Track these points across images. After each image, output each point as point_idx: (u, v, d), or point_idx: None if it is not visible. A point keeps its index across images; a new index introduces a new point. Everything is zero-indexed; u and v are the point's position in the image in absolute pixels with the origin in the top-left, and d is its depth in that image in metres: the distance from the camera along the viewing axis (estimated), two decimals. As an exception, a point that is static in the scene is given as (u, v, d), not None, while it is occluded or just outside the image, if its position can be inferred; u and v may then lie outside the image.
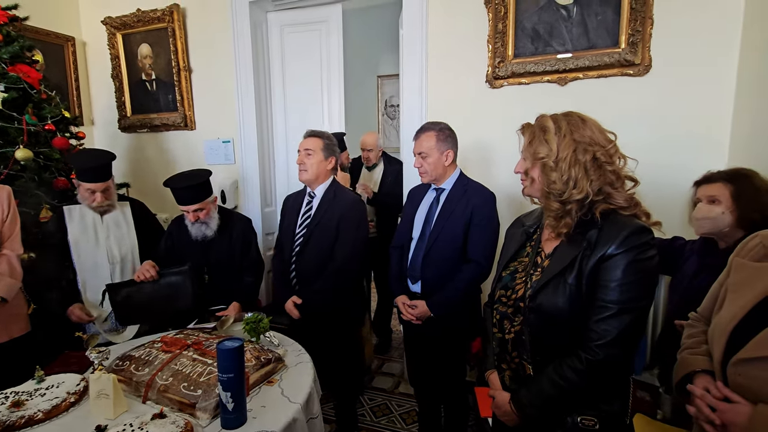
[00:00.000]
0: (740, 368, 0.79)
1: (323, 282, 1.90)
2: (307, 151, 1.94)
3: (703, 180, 1.45)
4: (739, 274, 0.89)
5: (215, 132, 3.04)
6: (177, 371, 1.29)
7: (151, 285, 1.92)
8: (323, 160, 1.96)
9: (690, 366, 0.91)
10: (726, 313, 0.86)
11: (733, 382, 0.81)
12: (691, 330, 1.02)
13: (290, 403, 1.26)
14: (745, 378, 0.78)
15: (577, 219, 1.03)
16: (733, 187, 1.35)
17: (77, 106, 3.26)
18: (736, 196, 1.33)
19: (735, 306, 0.85)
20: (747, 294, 0.84)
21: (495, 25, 2.23)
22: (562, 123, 1.04)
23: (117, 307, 1.88)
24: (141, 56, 3.12)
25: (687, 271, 1.51)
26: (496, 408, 1.15)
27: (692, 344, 0.97)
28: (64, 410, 1.22)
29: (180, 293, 1.94)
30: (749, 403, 0.77)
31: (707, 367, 0.88)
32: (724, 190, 1.37)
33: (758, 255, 0.88)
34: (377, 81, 4.85)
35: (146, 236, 2.18)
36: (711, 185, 1.41)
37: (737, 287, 0.87)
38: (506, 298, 1.14)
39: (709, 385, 0.85)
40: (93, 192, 1.99)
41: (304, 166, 1.95)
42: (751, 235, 0.95)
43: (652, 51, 2.00)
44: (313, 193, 2.01)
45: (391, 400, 2.55)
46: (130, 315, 1.91)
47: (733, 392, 0.80)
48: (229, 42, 2.85)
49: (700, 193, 1.45)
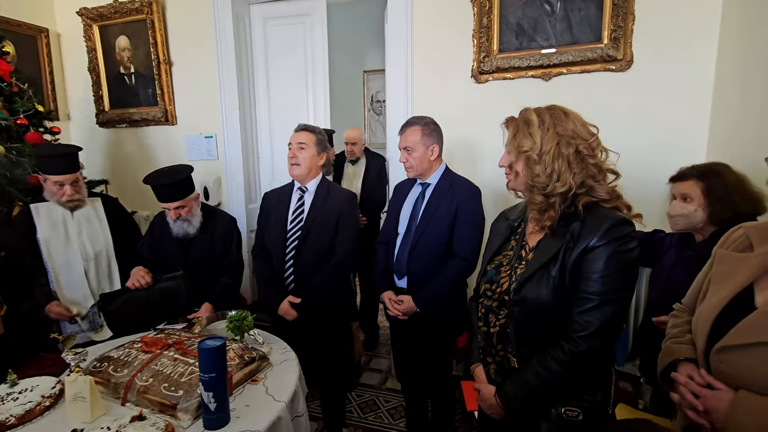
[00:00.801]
0: (722, 356, 0.81)
1: (323, 277, 1.87)
2: (300, 145, 1.89)
3: (677, 177, 1.47)
4: (723, 264, 0.91)
5: (197, 127, 2.97)
6: (157, 372, 1.26)
7: (145, 291, 1.88)
8: (316, 155, 1.92)
9: (674, 354, 0.93)
10: (709, 303, 0.88)
11: (716, 370, 0.82)
12: (675, 320, 1.04)
13: (275, 402, 1.24)
14: (727, 365, 0.80)
15: (560, 212, 1.03)
16: (704, 184, 1.37)
17: (52, 100, 3.14)
18: (708, 193, 1.36)
19: (717, 296, 0.87)
20: (729, 284, 0.85)
21: (480, 19, 2.23)
22: (545, 116, 1.04)
23: (111, 317, 1.84)
24: (119, 49, 3.03)
25: (666, 263, 1.55)
26: (482, 401, 1.15)
27: (676, 333, 0.99)
28: (38, 414, 1.18)
29: (175, 299, 1.90)
30: (731, 390, 0.79)
31: (691, 355, 0.90)
32: (695, 188, 1.39)
33: (741, 246, 0.90)
34: (363, 76, 4.82)
35: (120, 232, 2.12)
36: (683, 183, 1.43)
37: (720, 278, 0.89)
38: (491, 292, 1.14)
39: (692, 372, 0.87)
40: (61, 185, 1.93)
41: (297, 160, 1.89)
42: (735, 227, 0.96)
43: (634, 46, 2.03)
44: (304, 188, 1.95)
45: (379, 396, 2.55)
46: (124, 324, 1.84)
47: (715, 379, 0.82)
48: (211, 34, 2.78)
49: (674, 190, 1.47)
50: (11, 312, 1.83)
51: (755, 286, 0.83)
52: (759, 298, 0.81)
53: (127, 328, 1.77)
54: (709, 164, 1.44)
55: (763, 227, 0.90)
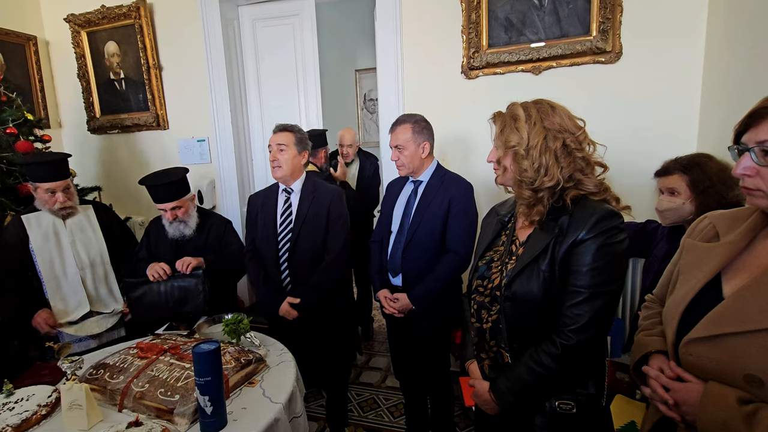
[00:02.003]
0: (691, 348, 0.80)
1: (320, 275, 1.87)
2: (280, 147, 1.87)
3: (661, 171, 1.48)
4: (690, 255, 0.90)
5: (189, 131, 2.97)
6: (153, 377, 1.26)
7: (164, 285, 1.91)
8: (297, 154, 1.90)
9: (645, 347, 0.92)
10: (677, 294, 0.87)
11: (685, 362, 0.81)
12: (647, 312, 1.03)
13: (272, 404, 1.24)
14: (696, 357, 0.79)
15: (549, 206, 1.03)
16: (689, 177, 1.38)
17: (42, 108, 3.13)
18: (693, 186, 1.37)
19: (686, 287, 0.85)
20: (697, 274, 0.84)
21: (468, 15, 2.22)
22: (532, 111, 1.04)
23: (132, 303, 1.90)
24: (108, 54, 3.01)
25: (658, 254, 1.55)
26: (476, 397, 1.16)
27: (648, 326, 0.98)
28: (35, 423, 1.17)
29: (191, 297, 1.93)
30: (701, 381, 0.78)
31: (662, 347, 0.89)
32: (681, 181, 1.40)
33: (708, 235, 0.89)
34: (355, 75, 4.80)
35: (114, 239, 2.13)
36: (669, 177, 1.44)
37: (688, 268, 0.88)
38: (483, 288, 1.14)
39: (663, 365, 0.86)
40: (53, 193, 1.92)
41: (278, 162, 1.87)
42: (701, 216, 0.96)
43: (623, 38, 2.03)
44: (290, 189, 1.95)
45: (379, 395, 2.55)
46: (143, 313, 1.91)
47: (685, 371, 0.81)
48: (200, 37, 2.78)
49: (660, 185, 1.48)
50: (4, 323, 1.83)
51: (723, 275, 0.82)
52: (726, 288, 0.80)
53: (144, 317, 1.85)
54: (692, 156, 1.45)
55: (728, 216, 0.88)
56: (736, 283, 0.79)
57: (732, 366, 0.73)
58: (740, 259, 0.81)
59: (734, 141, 0.80)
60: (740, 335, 0.73)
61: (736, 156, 0.79)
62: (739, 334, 0.73)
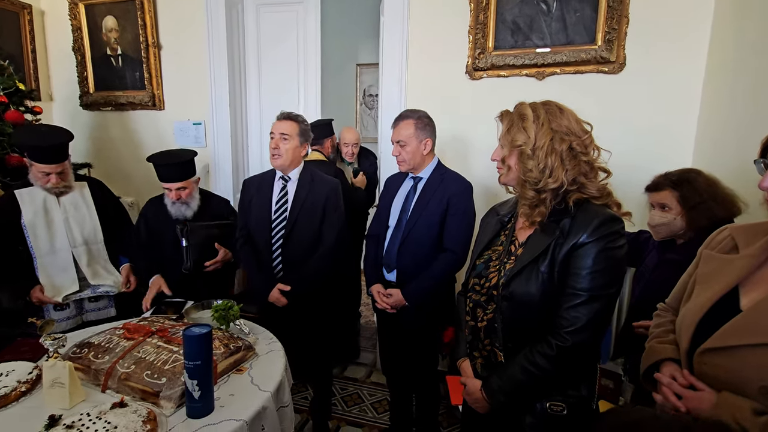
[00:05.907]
0: (706, 357, 0.80)
1: (313, 265, 1.86)
2: (283, 136, 1.85)
3: (652, 186, 1.49)
4: (708, 265, 0.91)
5: (185, 113, 2.91)
6: (140, 359, 1.23)
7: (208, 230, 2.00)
8: (298, 146, 1.88)
9: (657, 355, 0.93)
10: (694, 304, 0.88)
11: (699, 371, 0.82)
12: (659, 320, 1.04)
13: (260, 392, 1.23)
14: (710, 367, 0.80)
15: (551, 208, 1.04)
16: (679, 193, 1.40)
17: (34, 80, 3.03)
18: (683, 202, 1.39)
19: (702, 297, 0.86)
20: (714, 286, 0.85)
21: (476, 15, 2.22)
22: (540, 111, 1.04)
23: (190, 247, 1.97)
24: (106, 29, 2.93)
25: (649, 264, 1.57)
26: (468, 395, 1.16)
27: (660, 333, 0.99)
28: (14, 399, 1.14)
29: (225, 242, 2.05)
30: (714, 391, 0.79)
31: (674, 356, 0.90)
32: (671, 197, 1.42)
33: (726, 247, 0.90)
34: (356, 69, 4.77)
35: (108, 217, 2.08)
36: (659, 193, 1.45)
37: (705, 279, 0.89)
38: (480, 287, 1.14)
39: (675, 373, 0.86)
40: (47, 174, 1.87)
41: (279, 151, 1.84)
42: (720, 228, 0.97)
43: (627, 49, 2.05)
44: (287, 176, 1.93)
45: (363, 390, 2.55)
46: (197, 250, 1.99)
47: (698, 380, 0.82)
48: (202, 18, 2.72)
49: (651, 200, 1.49)
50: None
51: (740, 288, 0.83)
52: (744, 301, 0.81)
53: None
54: (681, 171, 1.46)
55: (748, 229, 0.90)
56: (755, 296, 0.80)
57: (748, 377, 0.74)
58: (759, 273, 0.82)
59: (760, 155, 0.81)
60: (757, 347, 0.74)
61: (762, 170, 0.80)
62: (756, 347, 0.74)
